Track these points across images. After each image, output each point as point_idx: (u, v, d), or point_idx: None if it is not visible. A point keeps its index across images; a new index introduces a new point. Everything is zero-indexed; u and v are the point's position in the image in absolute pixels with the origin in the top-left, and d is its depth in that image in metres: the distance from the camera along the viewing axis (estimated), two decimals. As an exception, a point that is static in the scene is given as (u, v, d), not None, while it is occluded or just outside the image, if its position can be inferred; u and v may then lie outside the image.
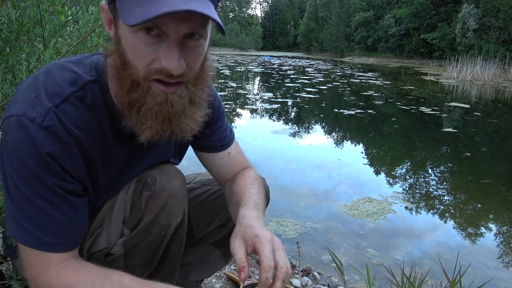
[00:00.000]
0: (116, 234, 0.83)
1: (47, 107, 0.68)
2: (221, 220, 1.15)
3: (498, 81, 16.73)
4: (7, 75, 1.36)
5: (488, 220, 2.94)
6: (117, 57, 0.68)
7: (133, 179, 0.85)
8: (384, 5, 44.23)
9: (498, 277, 2.13)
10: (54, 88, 0.71)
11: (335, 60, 38.25)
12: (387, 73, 20.94)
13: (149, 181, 0.83)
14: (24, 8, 1.29)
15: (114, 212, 0.83)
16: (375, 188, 3.47)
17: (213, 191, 1.13)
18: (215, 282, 1.69)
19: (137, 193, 0.82)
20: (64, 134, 0.69)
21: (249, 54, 50.39)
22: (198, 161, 1.07)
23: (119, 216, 0.83)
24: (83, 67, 0.76)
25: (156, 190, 0.82)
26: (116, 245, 0.83)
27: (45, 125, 0.67)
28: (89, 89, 0.74)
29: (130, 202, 0.82)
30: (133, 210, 0.82)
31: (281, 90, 10.76)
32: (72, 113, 0.71)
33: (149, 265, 0.87)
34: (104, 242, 0.83)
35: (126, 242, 0.82)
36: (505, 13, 27.32)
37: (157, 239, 0.84)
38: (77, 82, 0.73)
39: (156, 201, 0.82)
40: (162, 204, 0.82)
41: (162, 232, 0.84)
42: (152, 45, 0.64)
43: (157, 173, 0.84)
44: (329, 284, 1.93)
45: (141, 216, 0.82)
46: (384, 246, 2.41)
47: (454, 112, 8.12)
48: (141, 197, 0.82)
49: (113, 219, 0.83)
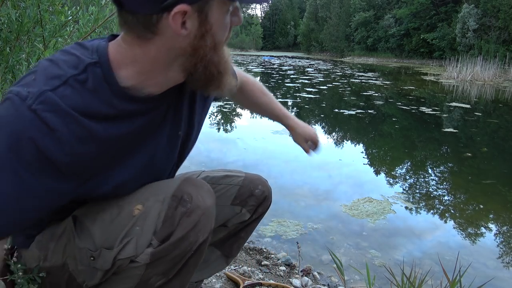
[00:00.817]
0: (145, 243, 0.83)
1: (41, 89, 0.69)
2: (222, 220, 1.15)
3: (498, 81, 16.74)
4: (7, 75, 1.37)
5: (488, 220, 2.94)
6: (210, 42, 0.76)
7: (168, 192, 0.86)
8: (384, 5, 44.23)
9: (498, 277, 2.13)
10: (55, 71, 0.72)
11: (335, 60, 38.24)
12: (387, 73, 20.94)
13: (185, 198, 0.84)
14: (24, 8, 1.29)
15: (147, 222, 0.84)
16: (375, 188, 3.47)
17: (216, 189, 1.13)
18: (215, 282, 1.69)
19: (172, 208, 0.83)
20: (52, 119, 0.68)
21: (249, 54, 50.39)
22: (199, 161, 1.07)
23: (151, 227, 0.83)
24: (84, 50, 0.77)
25: (191, 207, 0.84)
26: (143, 254, 0.83)
27: (34, 107, 0.67)
28: (90, 71, 0.74)
29: (164, 215, 0.83)
30: (165, 223, 0.83)
31: (281, 90, 10.76)
32: (71, 96, 0.71)
33: (166, 274, 0.88)
34: (132, 250, 0.83)
35: (154, 253, 0.83)
36: (505, 13, 27.32)
37: (181, 253, 0.86)
38: (79, 65, 0.74)
39: (190, 218, 0.84)
40: (195, 222, 0.84)
41: (189, 247, 0.85)
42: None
43: (193, 190, 0.86)
44: (329, 284, 1.93)
45: (172, 230, 0.83)
46: (384, 246, 2.41)
47: (454, 112, 8.12)
48: (175, 212, 0.83)
49: (144, 230, 0.84)
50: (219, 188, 1.14)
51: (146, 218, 0.84)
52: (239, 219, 1.16)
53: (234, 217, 1.15)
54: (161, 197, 0.85)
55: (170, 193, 0.85)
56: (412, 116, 7.37)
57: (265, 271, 1.91)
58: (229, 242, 1.23)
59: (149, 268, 0.85)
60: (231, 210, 1.15)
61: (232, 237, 1.22)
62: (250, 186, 1.15)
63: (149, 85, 0.79)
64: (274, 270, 1.94)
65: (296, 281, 1.83)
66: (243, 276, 1.75)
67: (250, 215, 1.17)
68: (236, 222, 1.17)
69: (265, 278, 1.83)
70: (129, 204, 0.87)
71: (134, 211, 0.86)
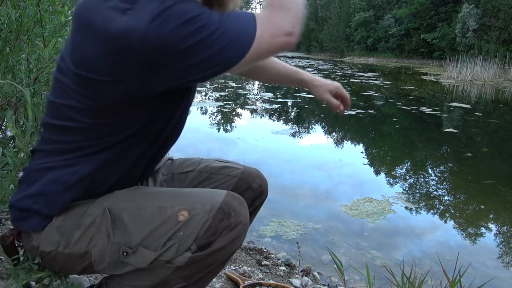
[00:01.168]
0: (185, 248, 0.86)
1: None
2: None
3: (498, 81, 16.73)
4: (7, 75, 1.37)
5: (488, 220, 2.94)
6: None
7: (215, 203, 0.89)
8: (384, 5, 44.20)
9: (498, 277, 2.13)
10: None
11: (335, 60, 38.24)
12: (387, 73, 20.93)
13: (231, 212, 0.88)
14: (24, 8, 1.29)
15: (191, 230, 0.87)
16: (375, 188, 3.47)
17: (214, 179, 1.17)
18: (215, 282, 1.69)
19: (217, 219, 0.87)
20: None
21: (249, 54, 50.26)
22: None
23: (194, 234, 0.86)
24: None
25: (235, 222, 0.88)
26: (181, 257, 0.86)
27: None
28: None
29: (208, 225, 0.86)
30: (207, 232, 0.86)
31: (281, 90, 10.76)
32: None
33: (188, 279, 0.91)
34: (173, 254, 0.86)
35: (191, 258, 0.86)
36: (505, 13, 27.31)
37: (213, 262, 0.90)
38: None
39: (233, 232, 0.88)
40: (235, 236, 0.88)
41: (221, 257, 0.90)
42: None
43: (237, 205, 0.90)
44: (329, 284, 1.93)
45: (213, 240, 0.87)
46: (384, 246, 2.41)
47: (454, 112, 8.11)
48: (220, 225, 0.87)
49: (188, 236, 0.86)
50: (217, 178, 1.17)
51: (191, 225, 0.87)
52: None
53: None
54: (208, 207, 0.88)
55: (217, 205, 0.88)
56: (412, 116, 7.36)
57: (265, 271, 1.91)
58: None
59: (178, 270, 0.88)
60: None
61: None
62: (248, 179, 1.17)
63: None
64: (274, 270, 1.94)
65: (296, 281, 1.83)
66: (243, 276, 1.75)
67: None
68: None
69: (265, 278, 1.83)
70: (172, 208, 0.88)
71: (179, 217, 0.88)
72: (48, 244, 0.89)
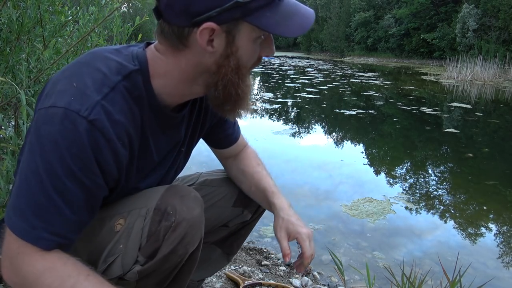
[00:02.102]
0: (131, 261, 0.81)
1: (94, 100, 0.69)
2: (223, 220, 1.15)
3: (498, 81, 16.73)
4: (7, 75, 1.37)
5: (488, 220, 2.94)
6: (233, 64, 0.77)
7: (151, 205, 0.83)
8: (384, 5, 44.19)
9: (498, 277, 2.13)
10: (101, 77, 0.72)
11: (335, 60, 38.24)
12: (387, 73, 20.93)
13: (169, 211, 0.81)
14: (24, 8, 1.29)
15: (130, 239, 0.81)
16: (375, 188, 3.47)
17: (216, 193, 1.14)
18: (215, 282, 1.69)
19: (156, 222, 0.80)
20: (109, 130, 0.70)
21: (249, 54, 50.31)
22: (199, 161, 1.07)
23: (135, 243, 0.81)
24: (124, 57, 0.78)
25: (176, 221, 0.80)
26: (130, 273, 0.81)
27: (90, 118, 0.67)
28: (133, 78, 0.76)
29: (147, 231, 0.80)
30: (150, 239, 0.80)
31: (281, 90, 10.76)
32: (120, 102, 0.73)
33: (159, 285, 0.87)
34: (118, 270, 0.81)
35: (141, 271, 0.81)
36: (505, 13, 27.30)
37: (172, 266, 0.84)
38: (122, 71, 0.75)
39: (176, 232, 0.80)
40: (181, 235, 0.81)
41: (179, 259, 0.83)
42: (258, 45, 0.79)
43: (177, 202, 0.82)
44: (329, 284, 1.93)
45: (158, 246, 0.80)
46: (384, 246, 2.41)
47: (455, 112, 8.11)
48: (159, 227, 0.80)
49: (128, 247, 0.81)
50: (220, 191, 1.14)
51: (129, 235, 0.81)
52: (240, 220, 1.17)
53: (236, 218, 1.16)
54: (143, 210, 0.82)
55: (152, 205, 0.82)
56: (413, 116, 7.36)
57: (265, 271, 1.91)
58: (229, 240, 1.23)
59: (140, 282, 0.83)
60: (233, 211, 1.15)
61: (233, 235, 1.22)
62: None
63: (174, 95, 0.82)
64: (274, 270, 1.94)
65: (296, 281, 1.83)
66: (243, 276, 1.75)
67: (252, 215, 1.17)
68: (237, 222, 1.17)
69: (265, 278, 1.83)
70: (110, 218, 0.84)
71: (116, 226, 0.83)
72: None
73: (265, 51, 0.80)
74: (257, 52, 0.80)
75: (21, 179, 0.69)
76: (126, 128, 0.74)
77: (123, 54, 0.78)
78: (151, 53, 0.79)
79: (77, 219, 0.72)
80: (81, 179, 0.69)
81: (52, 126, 0.67)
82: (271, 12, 0.73)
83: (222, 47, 0.75)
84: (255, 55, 0.79)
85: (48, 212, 0.68)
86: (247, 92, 0.83)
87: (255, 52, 0.79)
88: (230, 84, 0.79)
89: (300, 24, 0.75)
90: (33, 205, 0.68)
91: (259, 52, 0.80)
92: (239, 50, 0.76)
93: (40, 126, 0.67)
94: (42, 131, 0.67)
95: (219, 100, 0.82)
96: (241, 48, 0.76)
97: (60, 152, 0.66)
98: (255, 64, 0.82)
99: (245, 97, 0.83)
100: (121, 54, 0.78)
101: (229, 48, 0.75)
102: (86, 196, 0.71)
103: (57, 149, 0.66)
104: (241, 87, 0.80)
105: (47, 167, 0.67)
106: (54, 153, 0.66)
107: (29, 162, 0.68)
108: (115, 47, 0.81)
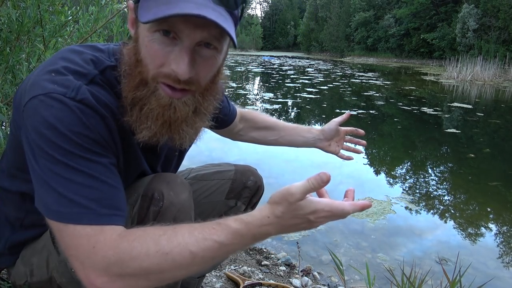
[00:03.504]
0: None
1: (77, 83, 0.67)
2: (218, 214, 1.15)
3: (498, 81, 16.73)
4: (7, 75, 1.37)
5: (488, 220, 2.94)
6: (132, 54, 0.70)
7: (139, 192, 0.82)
8: (384, 5, 44.21)
9: (498, 277, 2.13)
10: (78, 69, 0.70)
11: (335, 60, 38.24)
12: (387, 73, 20.93)
13: (156, 196, 0.80)
14: (24, 8, 1.29)
15: None
16: (376, 188, 3.47)
17: (208, 186, 1.14)
18: (215, 282, 1.69)
19: (144, 208, 0.79)
20: (99, 108, 0.67)
21: (249, 54, 50.40)
22: (200, 161, 1.07)
23: None
24: (101, 52, 0.76)
25: (164, 206, 0.79)
26: None
27: (79, 98, 0.65)
28: (108, 73, 0.73)
29: (137, 218, 0.80)
30: (140, 225, 0.78)
31: (281, 90, 10.76)
32: (101, 92, 0.70)
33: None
34: None
35: None
36: (505, 13, 27.31)
37: None
38: (98, 65, 0.73)
39: (165, 217, 0.79)
40: (170, 220, 0.79)
41: None
42: (165, 47, 0.66)
43: (164, 187, 0.81)
44: (329, 284, 1.93)
45: None
46: (384, 246, 2.41)
47: (456, 112, 8.11)
48: (148, 212, 0.79)
49: None
50: (212, 184, 1.14)
51: None
52: (235, 212, 1.16)
53: (230, 210, 1.16)
54: (132, 198, 0.81)
55: (140, 193, 0.81)
56: (414, 116, 7.36)
57: (265, 271, 1.91)
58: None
59: None
60: (226, 204, 1.15)
61: None
62: (242, 178, 1.16)
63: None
64: (274, 270, 1.94)
65: (296, 281, 1.83)
66: (243, 276, 1.75)
67: (245, 206, 1.17)
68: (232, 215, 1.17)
69: (265, 278, 1.83)
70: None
71: None
72: (19, 277, 0.88)
73: (173, 63, 0.66)
74: (164, 59, 0.66)
75: (46, 175, 0.63)
76: (114, 112, 0.71)
77: (100, 51, 0.76)
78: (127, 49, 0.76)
79: (116, 188, 0.68)
80: (94, 150, 0.66)
81: (43, 112, 0.63)
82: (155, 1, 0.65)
83: (133, 32, 0.71)
84: (160, 59, 0.66)
85: (91, 189, 0.64)
86: (148, 103, 0.69)
87: (157, 53, 0.66)
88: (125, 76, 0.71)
89: (157, 12, 0.62)
90: (72, 189, 0.63)
91: (165, 58, 0.66)
92: (139, 39, 0.68)
93: (34, 120, 0.64)
94: (36, 122, 0.64)
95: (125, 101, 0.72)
96: (140, 37, 0.68)
97: (62, 134, 0.63)
98: (165, 76, 0.67)
99: (146, 111, 0.70)
100: (98, 50, 0.76)
101: (135, 34, 0.70)
102: (109, 163, 0.68)
103: (59, 133, 0.63)
104: (134, 86, 0.69)
105: (61, 152, 0.63)
106: (58, 138, 0.63)
107: (43, 157, 0.64)
108: (91, 44, 0.79)
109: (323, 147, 1.25)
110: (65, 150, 0.63)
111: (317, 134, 1.25)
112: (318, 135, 1.24)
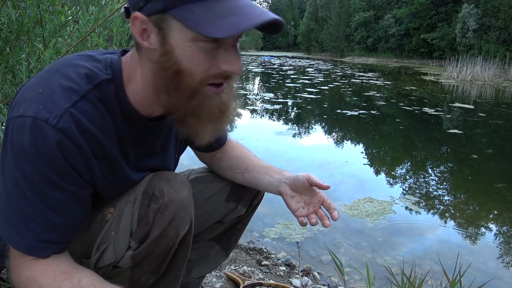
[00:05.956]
0: (123, 247, 0.82)
1: (62, 108, 0.68)
2: (218, 216, 1.15)
3: (498, 81, 16.73)
4: (7, 75, 1.37)
5: (488, 220, 2.94)
6: (168, 67, 0.68)
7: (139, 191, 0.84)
8: (384, 5, 44.19)
9: (498, 277, 2.13)
10: (70, 85, 0.70)
11: (335, 60, 38.24)
12: (387, 73, 20.93)
13: (157, 194, 0.81)
14: (24, 8, 1.29)
15: (121, 226, 0.82)
16: (377, 188, 3.47)
17: (209, 189, 1.13)
18: (215, 282, 1.69)
19: (145, 206, 0.81)
20: (78, 137, 0.69)
21: (249, 54, 50.39)
22: (199, 162, 1.08)
23: (126, 229, 0.82)
24: (97, 64, 0.75)
25: (164, 203, 0.81)
26: (124, 258, 0.82)
27: (59, 127, 0.66)
28: (104, 87, 0.73)
29: (137, 216, 0.81)
30: (140, 223, 0.81)
31: (282, 91, 10.76)
32: (91, 112, 0.71)
33: (155, 272, 0.87)
34: (111, 257, 0.82)
35: (134, 256, 0.81)
36: (505, 13, 27.30)
37: (165, 250, 0.84)
38: (93, 80, 0.73)
39: (165, 214, 0.81)
40: (171, 217, 0.81)
41: (170, 243, 0.83)
42: (210, 52, 0.67)
43: (164, 185, 0.83)
44: (329, 284, 1.93)
45: (149, 229, 0.81)
46: (384, 246, 2.41)
47: (457, 113, 8.10)
48: (148, 210, 0.80)
49: (120, 233, 0.82)
50: (212, 186, 1.13)
51: (119, 221, 0.82)
52: (235, 215, 1.16)
53: (231, 213, 1.15)
54: (132, 196, 0.83)
55: (140, 191, 0.83)
56: (415, 116, 7.36)
57: (265, 271, 1.91)
58: (226, 235, 1.23)
59: (135, 269, 0.84)
60: (226, 206, 1.14)
61: (229, 230, 1.22)
62: None
63: (145, 103, 0.77)
64: (274, 270, 1.94)
65: (296, 281, 1.83)
66: (243, 276, 1.75)
67: (246, 209, 1.17)
68: (232, 217, 1.17)
69: (265, 278, 1.83)
70: (101, 209, 0.85)
71: (106, 215, 0.84)
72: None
73: (225, 64, 0.68)
74: (211, 62, 0.68)
75: (6, 192, 0.69)
76: (97, 137, 0.72)
77: (97, 61, 0.76)
78: (126, 60, 0.76)
79: (68, 222, 0.73)
80: (61, 185, 0.69)
81: (23, 136, 0.66)
82: (201, 9, 0.63)
83: (158, 44, 0.67)
84: (206, 64, 0.67)
85: (36, 221, 0.69)
86: (204, 108, 0.72)
87: (203, 59, 0.67)
88: (170, 91, 0.71)
89: (231, 25, 0.62)
90: (20, 216, 0.69)
91: (218, 63, 0.68)
92: (174, 50, 0.67)
93: (13, 138, 0.67)
94: (14, 142, 0.67)
95: (169, 110, 0.75)
96: (177, 48, 0.66)
97: (34, 163, 0.66)
98: (215, 77, 0.69)
99: (204, 116, 0.73)
100: (95, 61, 0.76)
101: (164, 46, 0.67)
102: (72, 198, 0.72)
103: (31, 160, 0.66)
104: (185, 98, 0.70)
105: (25, 178, 0.67)
106: (30, 164, 0.66)
107: (9, 174, 0.68)
108: (90, 53, 0.79)
109: (285, 193, 1.03)
110: (30, 179, 0.67)
111: (285, 177, 1.06)
112: (286, 179, 1.05)
